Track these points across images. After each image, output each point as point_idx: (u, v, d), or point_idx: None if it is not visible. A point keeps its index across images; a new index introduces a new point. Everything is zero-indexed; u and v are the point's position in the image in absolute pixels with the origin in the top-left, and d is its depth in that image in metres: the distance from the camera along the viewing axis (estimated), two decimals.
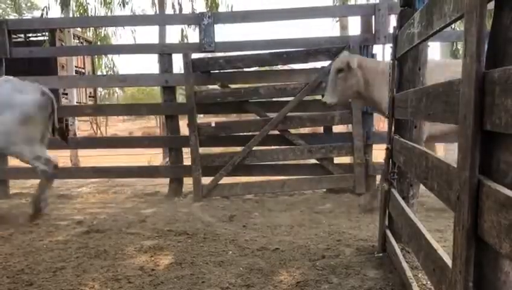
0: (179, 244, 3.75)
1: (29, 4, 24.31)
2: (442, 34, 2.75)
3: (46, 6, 12.54)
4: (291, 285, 2.84)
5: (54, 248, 3.72)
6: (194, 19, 6.33)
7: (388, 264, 3.07)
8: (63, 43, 13.15)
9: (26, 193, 6.11)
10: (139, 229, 4.26)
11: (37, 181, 6.32)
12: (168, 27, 10.75)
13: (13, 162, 6.36)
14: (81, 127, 16.80)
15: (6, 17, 15.81)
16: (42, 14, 12.58)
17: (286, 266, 3.19)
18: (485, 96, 1.33)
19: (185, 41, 12.36)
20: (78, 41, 15.99)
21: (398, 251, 2.93)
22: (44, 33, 14.80)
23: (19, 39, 14.87)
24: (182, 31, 12.73)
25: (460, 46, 8.64)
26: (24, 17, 20.40)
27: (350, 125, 5.78)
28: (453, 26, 2.74)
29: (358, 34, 5.82)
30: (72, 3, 12.45)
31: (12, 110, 4.45)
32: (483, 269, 1.41)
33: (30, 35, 15.69)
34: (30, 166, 4.76)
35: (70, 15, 12.04)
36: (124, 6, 12.69)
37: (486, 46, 1.37)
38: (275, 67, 6.15)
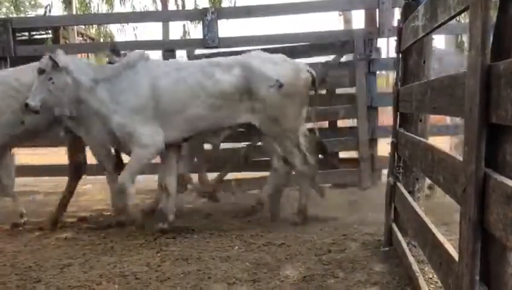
0: (185, 240, 3.76)
1: (32, 2, 24.37)
2: (446, 26, 2.73)
3: (49, 4, 12.60)
4: (298, 279, 2.85)
5: (61, 245, 3.75)
6: (198, 15, 6.30)
7: (394, 258, 3.07)
8: (67, 41, 13.15)
9: (29, 191, 6.11)
10: (145, 225, 4.26)
11: (39, 179, 6.37)
12: (170, 23, 10.74)
13: (17, 159, 6.38)
14: None
15: (10, 16, 15.83)
16: (45, 12, 12.63)
17: (292, 260, 3.20)
18: (491, 89, 1.32)
19: (187, 37, 12.37)
20: (82, 38, 16.01)
21: (404, 244, 2.93)
22: (47, 31, 14.81)
23: (23, 37, 14.88)
24: (184, 26, 12.76)
25: (465, 38, 8.58)
26: (28, 15, 20.44)
27: (355, 120, 5.75)
28: (458, 18, 2.72)
29: (362, 28, 5.80)
30: (75, 1, 12.48)
31: None
32: (490, 262, 1.41)
33: (34, 33, 15.69)
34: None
35: (74, 12, 12.06)
36: (124, 3, 12.73)
37: (491, 39, 1.36)
38: None
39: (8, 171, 4.55)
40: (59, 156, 4.74)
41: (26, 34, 15.27)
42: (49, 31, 14.50)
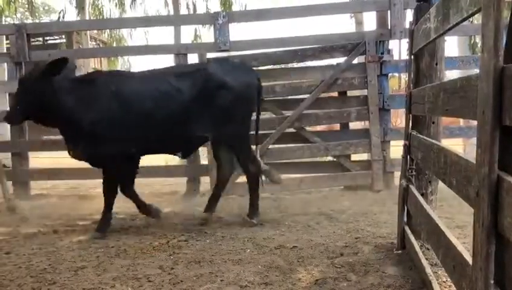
0: (197, 243, 3.77)
1: (46, 8, 24.70)
2: (459, 28, 2.72)
3: (62, 10, 12.77)
4: (310, 283, 2.84)
5: (75, 247, 3.78)
6: (209, 19, 6.34)
7: (407, 262, 3.04)
8: (80, 46, 13.31)
9: (47, 194, 6.20)
10: (158, 228, 4.29)
11: (57, 182, 6.45)
12: (181, 27, 10.82)
13: (34, 162, 6.48)
14: None
15: (25, 21, 16.07)
16: (59, 18, 12.80)
17: (304, 263, 3.19)
18: (504, 91, 1.31)
19: (198, 40, 12.46)
20: (94, 43, 16.18)
21: (417, 247, 2.91)
22: (61, 36, 15.01)
23: (37, 42, 15.09)
24: (196, 30, 12.86)
25: (478, 39, 8.51)
26: (42, 21, 20.71)
27: (367, 122, 5.75)
28: (471, 19, 2.70)
29: (373, 30, 5.78)
30: (88, 6, 12.63)
31: None
32: (504, 266, 1.40)
33: (48, 38, 15.91)
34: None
35: (87, 17, 12.20)
36: (135, 7, 12.90)
37: (504, 41, 1.35)
38: (290, 65, 6.15)
39: None
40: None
41: (41, 39, 15.49)
42: (63, 36, 14.70)
